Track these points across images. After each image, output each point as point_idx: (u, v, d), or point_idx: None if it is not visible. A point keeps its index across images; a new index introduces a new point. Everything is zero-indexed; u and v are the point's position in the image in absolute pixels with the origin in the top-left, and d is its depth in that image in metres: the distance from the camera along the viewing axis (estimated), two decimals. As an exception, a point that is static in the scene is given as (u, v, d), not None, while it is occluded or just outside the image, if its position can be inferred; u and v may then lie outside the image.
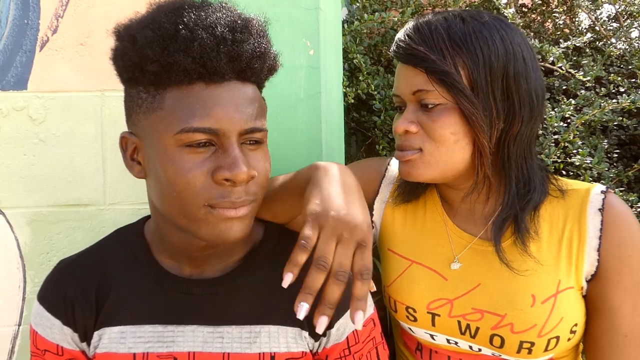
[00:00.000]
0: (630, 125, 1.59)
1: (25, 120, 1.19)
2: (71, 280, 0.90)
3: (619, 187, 1.48)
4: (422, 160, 0.93)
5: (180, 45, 0.71)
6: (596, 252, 0.91)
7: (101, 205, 1.21)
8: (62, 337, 0.89)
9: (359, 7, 1.85)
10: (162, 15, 0.73)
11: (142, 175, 0.81)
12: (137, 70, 0.74)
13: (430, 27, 0.91)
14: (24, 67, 1.19)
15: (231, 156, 0.74)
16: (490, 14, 0.93)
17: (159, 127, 0.74)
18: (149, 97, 0.75)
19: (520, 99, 0.91)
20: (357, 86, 1.61)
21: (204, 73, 0.72)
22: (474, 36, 0.89)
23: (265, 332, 0.87)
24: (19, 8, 1.19)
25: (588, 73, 1.62)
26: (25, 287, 1.21)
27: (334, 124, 1.34)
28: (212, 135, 0.74)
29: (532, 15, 2.15)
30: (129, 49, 0.74)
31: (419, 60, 0.90)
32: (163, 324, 0.87)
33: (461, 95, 0.88)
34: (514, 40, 0.91)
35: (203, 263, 0.89)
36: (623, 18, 1.98)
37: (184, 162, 0.74)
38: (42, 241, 1.21)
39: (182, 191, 0.74)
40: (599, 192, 0.94)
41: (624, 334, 0.90)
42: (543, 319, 0.91)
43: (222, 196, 0.74)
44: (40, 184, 1.20)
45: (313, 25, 1.17)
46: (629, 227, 0.91)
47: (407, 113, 0.94)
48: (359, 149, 1.90)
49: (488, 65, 0.88)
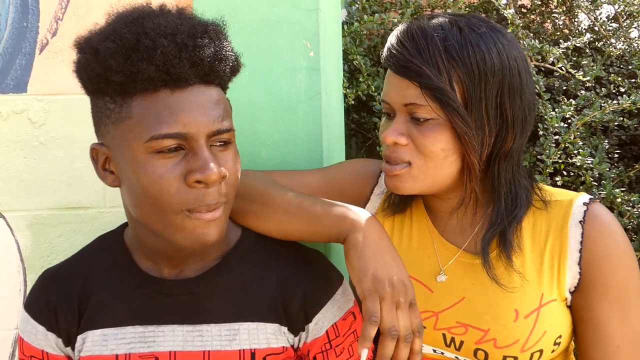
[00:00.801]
0: (631, 126, 1.59)
1: (25, 123, 1.19)
2: (54, 288, 0.92)
3: (620, 188, 1.47)
4: (410, 174, 0.91)
5: (143, 54, 0.72)
6: (577, 265, 0.90)
7: (101, 207, 1.21)
8: (47, 342, 0.91)
9: (358, 9, 1.85)
10: (123, 26, 0.74)
11: (116, 184, 0.82)
12: (102, 81, 0.75)
13: (426, 36, 0.86)
14: (23, 70, 1.19)
15: (201, 158, 0.75)
16: (488, 22, 0.90)
17: (128, 136, 0.75)
18: (116, 107, 0.76)
19: (513, 116, 0.88)
20: (357, 87, 1.61)
21: (168, 80, 0.74)
22: (471, 50, 0.85)
23: (244, 330, 0.88)
24: (18, 11, 1.19)
25: (588, 73, 1.63)
26: (26, 290, 1.21)
27: (334, 126, 1.34)
28: (181, 139, 0.75)
29: (531, 16, 2.15)
30: (91, 60, 0.75)
31: (413, 74, 0.86)
32: (144, 324, 0.88)
33: (455, 114, 0.85)
34: (510, 54, 0.88)
35: (181, 264, 0.89)
36: (622, 18, 1.98)
37: (155, 168, 0.75)
38: (42, 244, 1.21)
39: (157, 197, 0.76)
40: (581, 203, 0.92)
41: (616, 345, 0.89)
42: (526, 334, 0.91)
43: (197, 200, 0.76)
44: (40, 186, 1.20)
45: (313, 27, 1.17)
46: (613, 237, 0.90)
47: (397, 123, 0.90)
48: (359, 150, 1.90)
49: (484, 81, 0.85)
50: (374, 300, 0.80)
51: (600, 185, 1.47)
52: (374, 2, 1.85)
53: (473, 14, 0.93)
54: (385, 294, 0.80)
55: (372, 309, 0.79)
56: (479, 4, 2.00)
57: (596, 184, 1.48)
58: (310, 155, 1.19)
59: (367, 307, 0.80)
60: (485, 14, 2.04)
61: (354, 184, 1.10)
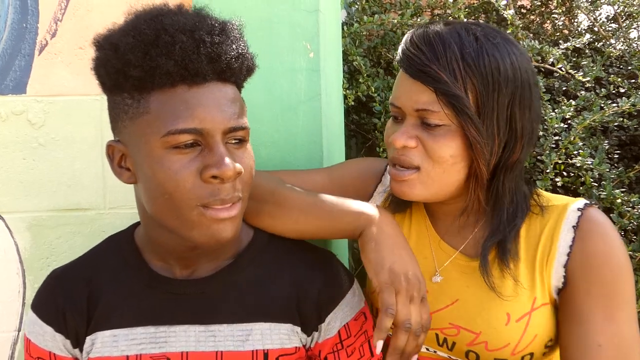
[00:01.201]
0: (630, 126, 1.59)
1: (25, 124, 1.19)
2: (62, 289, 0.91)
3: (620, 188, 1.47)
4: (419, 179, 0.90)
5: (162, 49, 0.73)
6: (563, 268, 0.90)
7: (101, 209, 1.21)
8: (54, 344, 0.90)
9: (358, 9, 1.85)
10: (142, 22, 0.75)
11: (132, 180, 0.82)
12: (121, 76, 0.75)
13: (444, 42, 0.86)
14: (22, 71, 1.18)
15: (217, 154, 0.76)
16: (502, 33, 0.90)
17: (145, 131, 0.76)
18: (133, 102, 0.77)
19: (522, 127, 0.89)
20: (357, 88, 1.60)
21: (186, 75, 0.74)
22: (487, 59, 0.85)
23: (257, 330, 0.88)
24: (18, 12, 1.18)
25: (588, 74, 1.62)
26: (25, 292, 1.21)
27: (334, 126, 1.34)
28: (198, 135, 0.76)
29: (531, 17, 2.15)
30: (111, 56, 0.75)
31: (430, 79, 0.86)
32: (155, 325, 0.88)
33: (469, 121, 0.85)
34: (522, 67, 0.88)
35: (193, 263, 0.89)
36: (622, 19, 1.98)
37: (172, 163, 0.75)
38: (41, 246, 1.20)
39: (173, 193, 0.76)
40: (576, 208, 0.92)
41: (598, 343, 0.86)
42: (517, 338, 0.91)
43: (212, 195, 0.76)
44: (39, 188, 1.20)
45: (313, 28, 1.17)
46: (604, 238, 0.89)
47: (407, 127, 0.90)
48: (359, 151, 1.90)
49: (497, 91, 0.86)
50: (390, 292, 0.83)
51: (600, 185, 1.47)
52: (373, 3, 1.85)
53: (487, 24, 0.92)
54: (401, 288, 0.83)
55: (389, 301, 0.82)
56: (479, 5, 2.00)
57: (596, 185, 1.48)
58: (310, 155, 1.19)
59: (384, 299, 0.82)
60: (485, 14, 2.04)
61: (358, 183, 1.10)
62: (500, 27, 1.95)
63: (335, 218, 0.92)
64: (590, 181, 1.46)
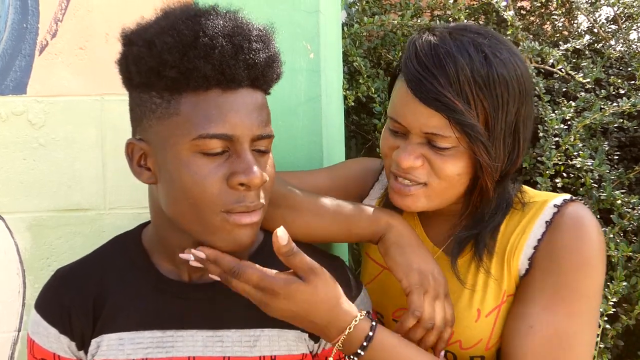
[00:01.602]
0: (630, 128, 1.59)
1: (25, 124, 1.19)
2: (68, 289, 0.90)
3: (620, 189, 1.47)
4: (425, 194, 0.90)
5: (200, 52, 0.72)
6: (527, 261, 0.91)
7: (101, 209, 1.20)
8: (59, 345, 0.89)
9: (358, 10, 1.85)
10: (180, 22, 0.74)
11: (152, 181, 0.81)
12: (154, 75, 0.74)
13: (456, 64, 0.83)
14: (23, 71, 1.18)
15: (245, 161, 0.75)
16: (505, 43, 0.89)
17: (174, 133, 0.75)
18: (163, 102, 0.76)
19: (524, 139, 0.90)
20: (357, 89, 1.61)
21: (221, 80, 0.74)
22: (497, 81, 0.84)
23: (265, 336, 0.87)
24: (18, 12, 1.18)
25: (588, 75, 1.63)
26: (25, 292, 1.20)
27: (334, 127, 1.34)
28: (227, 141, 0.75)
29: (531, 18, 2.15)
30: (145, 54, 0.74)
31: (444, 108, 0.83)
32: (162, 329, 0.87)
33: (481, 147, 0.85)
34: (526, 77, 0.88)
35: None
36: (622, 20, 1.98)
37: (199, 168, 0.75)
38: (42, 246, 1.20)
39: (198, 198, 0.75)
40: (553, 205, 0.92)
41: (529, 325, 0.86)
42: (488, 333, 0.91)
43: (237, 201, 0.76)
44: (40, 188, 1.20)
45: (313, 29, 1.17)
46: (577, 233, 0.88)
47: (413, 146, 0.88)
48: (359, 151, 1.90)
49: (505, 112, 0.85)
50: (419, 294, 0.86)
51: (600, 187, 1.47)
52: (373, 4, 1.85)
53: (489, 30, 0.91)
54: (429, 287, 0.86)
55: (417, 303, 0.85)
56: (479, 6, 2.00)
57: (596, 186, 1.48)
58: (310, 156, 1.19)
59: (413, 301, 0.85)
60: (484, 15, 2.05)
61: (359, 182, 1.11)
62: (500, 28, 1.95)
63: (351, 222, 0.92)
64: (590, 182, 1.47)
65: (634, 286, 1.37)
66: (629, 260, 1.40)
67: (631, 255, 1.37)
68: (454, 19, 1.70)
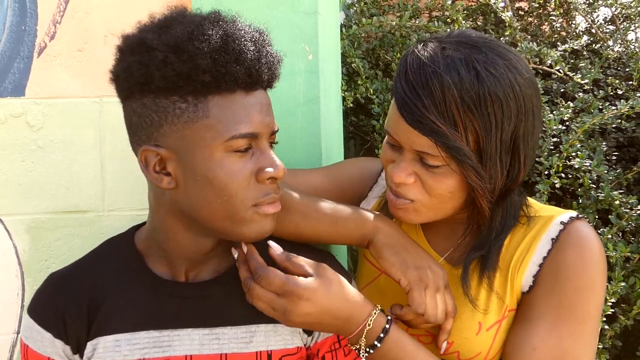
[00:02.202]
0: (629, 128, 1.60)
1: (23, 126, 1.19)
2: (62, 293, 0.90)
3: (618, 190, 1.48)
4: (415, 208, 0.90)
5: (232, 56, 0.76)
6: (532, 278, 0.90)
7: (100, 211, 1.20)
8: (54, 350, 0.89)
9: (356, 12, 1.86)
10: (207, 28, 0.77)
11: (172, 186, 0.81)
12: (182, 80, 0.75)
13: (442, 84, 0.80)
14: (21, 73, 1.18)
15: (269, 157, 0.81)
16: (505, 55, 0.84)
17: (205, 135, 0.77)
18: (189, 106, 0.77)
19: (525, 156, 0.87)
20: (355, 90, 1.61)
21: (248, 82, 0.78)
22: (489, 100, 0.81)
23: (261, 331, 0.89)
24: (16, 14, 1.18)
25: (586, 76, 1.63)
26: (24, 294, 1.20)
27: (333, 128, 1.34)
28: (253, 139, 0.80)
29: (529, 18, 2.16)
30: (172, 59, 0.74)
31: (428, 131, 0.82)
32: (158, 329, 0.88)
33: (470, 169, 0.83)
34: (526, 94, 0.84)
35: (200, 265, 0.90)
36: (619, 21, 1.99)
37: (231, 165, 0.79)
38: (40, 248, 1.20)
39: (233, 195, 0.79)
40: (559, 222, 0.91)
41: (533, 346, 0.86)
42: (487, 347, 0.91)
43: (266, 194, 0.81)
44: (38, 190, 1.19)
45: (312, 30, 1.17)
46: (581, 252, 0.88)
47: (405, 163, 0.88)
48: (358, 152, 1.90)
49: (500, 130, 0.82)
50: (420, 290, 0.86)
51: (599, 187, 1.48)
52: (372, 5, 1.86)
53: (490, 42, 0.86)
54: (429, 281, 0.86)
55: (419, 300, 0.86)
56: (477, 7, 2.01)
57: (594, 186, 1.48)
58: (309, 157, 1.19)
59: (415, 298, 0.86)
60: (483, 16, 2.05)
61: (356, 183, 1.11)
62: (498, 28, 1.96)
63: (338, 224, 0.93)
64: (589, 183, 1.47)
65: (632, 286, 1.37)
66: (627, 261, 1.40)
67: (629, 255, 1.37)
68: (452, 20, 1.70)
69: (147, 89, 0.78)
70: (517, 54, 0.88)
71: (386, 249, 0.89)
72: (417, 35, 1.67)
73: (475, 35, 0.89)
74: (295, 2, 1.17)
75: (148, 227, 0.93)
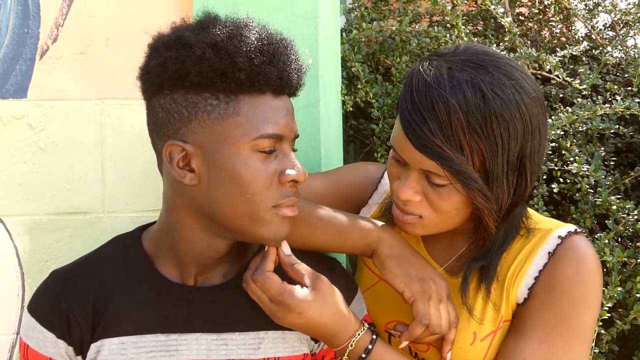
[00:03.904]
0: (627, 133, 1.60)
1: (25, 128, 1.19)
2: (66, 291, 0.88)
3: (615, 195, 1.48)
4: (422, 224, 0.90)
5: (267, 58, 0.79)
6: (527, 290, 0.91)
7: (100, 213, 1.21)
8: (56, 350, 0.87)
9: (357, 16, 1.86)
10: (242, 30, 0.80)
11: (195, 182, 0.81)
12: (217, 76, 0.78)
13: (449, 108, 0.80)
14: (23, 75, 1.19)
15: (292, 160, 0.83)
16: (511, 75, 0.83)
17: (234, 133, 0.79)
18: (220, 103, 0.79)
19: (532, 172, 0.87)
20: (355, 94, 1.61)
21: (278, 84, 0.81)
22: (495, 122, 0.80)
23: (269, 338, 0.88)
24: (19, 17, 1.19)
25: (585, 81, 1.63)
26: (24, 295, 1.21)
27: (333, 132, 1.35)
28: (278, 140, 0.82)
29: (529, 24, 2.16)
30: (211, 55, 0.77)
31: (435, 155, 0.81)
32: (165, 333, 0.87)
33: (476, 191, 0.83)
34: (533, 113, 0.84)
35: (210, 269, 0.90)
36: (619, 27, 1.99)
37: (256, 164, 0.80)
38: (41, 249, 1.21)
39: (255, 193, 0.80)
40: (557, 235, 0.92)
41: (523, 358, 0.87)
42: (481, 357, 0.92)
43: (286, 196, 0.82)
44: (39, 192, 1.20)
45: (312, 34, 1.18)
46: (578, 267, 0.88)
47: (411, 181, 0.87)
48: (358, 156, 1.91)
49: (506, 151, 0.82)
50: (424, 301, 0.87)
51: (596, 192, 1.48)
52: (372, 10, 1.87)
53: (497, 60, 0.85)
54: (432, 293, 0.87)
55: (424, 311, 0.86)
56: (477, 12, 2.01)
57: (592, 191, 1.49)
58: (308, 161, 1.19)
59: (419, 309, 0.86)
60: (483, 21, 2.06)
61: (357, 189, 1.11)
62: (498, 34, 1.97)
63: (343, 234, 0.94)
64: (586, 188, 1.47)
65: (629, 291, 1.37)
66: (624, 266, 1.41)
67: (626, 260, 1.37)
68: (452, 24, 1.71)
69: (180, 85, 0.80)
70: (524, 72, 0.87)
71: (390, 260, 0.90)
72: (417, 40, 1.68)
73: (481, 51, 0.87)
74: (295, 7, 1.18)
75: (158, 228, 0.92)
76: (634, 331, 1.46)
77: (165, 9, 1.21)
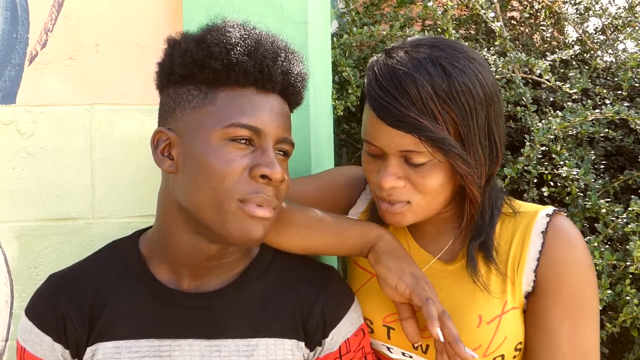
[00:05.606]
0: (616, 137, 1.61)
1: (14, 134, 1.19)
2: (63, 295, 0.89)
3: (605, 198, 1.49)
4: (411, 210, 0.92)
5: (245, 50, 0.80)
6: (533, 273, 0.93)
7: (90, 219, 1.21)
8: (52, 353, 0.88)
9: (348, 21, 1.87)
10: (228, 27, 0.83)
11: (172, 170, 0.83)
12: (197, 67, 0.80)
13: (416, 83, 0.85)
14: (12, 81, 1.19)
15: (269, 156, 0.81)
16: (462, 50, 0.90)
17: (207, 121, 0.80)
18: (200, 94, 0.82)
19: (499, 139, 0.92)
20: (346, 99, 1.62)
21: (259, 79, 0.81)
22: (459, 89, 0.86)
23: (262, 345, 0.88)
24: (8, 22, 1.19)
25: (575, 85, 1.64)
26: (13, 302, 1.20)
27: (323, 136, 1.35)
28: (255, 134, 0.81)
29: (520, 28, 2.18)
30: (192, 47, 0.81)
31: (412, 128, 0.85)
32: (159, 338, 0.87)
33: (457, 158, 0.86)
34: (489, 81, 0.90)
35: (203, 275, 0.90)
36: (609, 31, 2.01)
37: (226, 154, 0.79)
38: (30, 255, 1.20)
39: (219, 182, 0.79)
40: (545, 215, 0.95)
41: (563, 354, 0.90)
42: (488, 339, 0.93)
43: (255, 192, 0.80)
44: (28, 198, 1.20)
45: (302, 39, 1.19)
46: (572, 247, 0.92)
47: (393, 167, 0.90)
48: (349, 160, 1.91)
49: (475, 117, 0.87)
50: (421, 288, 0.89)
51: (586, 195, 1.49)
52: (364, 15, 1.87)
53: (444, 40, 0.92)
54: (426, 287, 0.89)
55: (424, 294, 0.88)
56: (468, 17, 2.03)
57: (582, 195, 1.50)
58: (298, 166, 1.19)
59: (420, 294, 0.88)
60: (474, 25, 2.07)
61: (344, 192, 1.12)
62: (489, 38, 1.98)
63: (343, 235, 0.95)
64: (576, 191, 1.48)
65: (619, 294, 1.38)
66: (614, 269, 1.41)
67: (616, 263, 1.38)
68: (443, 29, 1.72)
69: (172, 79, 0.84)
70: (469, 47, 0.94)
71: (386, 256, 0.92)
72: (408, 45, 1.69)
73: (430, 37, 0.95)
74: (285, 13, 1.18)
75: (153, 229, 0.93)
76: (623, 333, 1.46)
77: (154, 14, 1.21)
